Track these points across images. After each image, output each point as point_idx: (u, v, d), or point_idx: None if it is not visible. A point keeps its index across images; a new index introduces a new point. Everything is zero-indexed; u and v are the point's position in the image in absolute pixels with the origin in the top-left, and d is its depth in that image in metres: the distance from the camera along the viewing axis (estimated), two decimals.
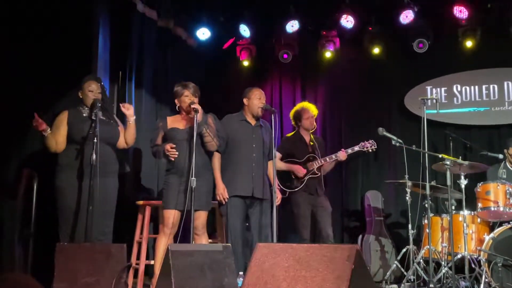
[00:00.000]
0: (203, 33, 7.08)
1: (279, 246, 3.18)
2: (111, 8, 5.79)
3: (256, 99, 4.93)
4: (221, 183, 4.76)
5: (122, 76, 6.00)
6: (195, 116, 4.32)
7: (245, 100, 5.00)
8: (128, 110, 4.66)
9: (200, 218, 4.51)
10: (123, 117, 4.77)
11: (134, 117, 4.72)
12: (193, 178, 4.19)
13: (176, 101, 4.65)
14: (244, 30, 7.11)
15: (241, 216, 4.77)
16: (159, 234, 4.52)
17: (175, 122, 4.63)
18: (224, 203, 4.73)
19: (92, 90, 4.60)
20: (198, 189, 4.30)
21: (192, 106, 4.40)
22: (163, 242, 4.41)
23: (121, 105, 4.70)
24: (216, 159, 4.82)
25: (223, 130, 4.79)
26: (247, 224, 4.97)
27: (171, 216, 4.43)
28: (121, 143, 4.78)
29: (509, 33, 6.67)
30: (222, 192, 4.73)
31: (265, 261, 3.15)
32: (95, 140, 4.24)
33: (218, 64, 7.64)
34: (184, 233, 4.45)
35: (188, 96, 4.57)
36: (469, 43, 6.82)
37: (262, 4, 6.91)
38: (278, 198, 4.96)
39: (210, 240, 5.14)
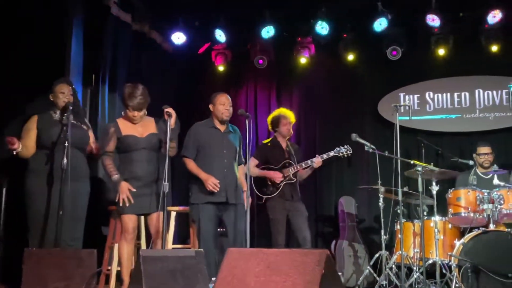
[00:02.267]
0: (178, 38, 7.06)
1: (250, 251, 3.19)
2: (84, 11, 5.72)
3: (220, 105, 4.87)
4: (204, 174, 4.68)
5: (96, 80, 5.93)
6: (168, 121, 4.25)
7: (210, 106, 4.93)
8: None
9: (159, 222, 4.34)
10: (94, 122, 4.70)
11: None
12: (166, 183, 4.12)
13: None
14: (220, 35, 7.10)
15: (213, 222, 4.72)
16: (120, 241, 4.41)
17: (128, 127, 4.41)
18: (217, 190, 4.63)
19: (64, 92, 4.52)
20: (155, 194, 4.29)
21: (166, 110, 4.29)
22: (125, 248, 4.33)
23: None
24: (190, 162, 4.79)
25: (192, 140, 4.81)
26: (222, 229, 4.94)
27: (130, 221, 4.32)
28: (90, 149, 4.70)
29: (480, 42, 6.81)
30: (212, 180, 4.63)
31: (236, 266, 3.15)
32: (66, 144, 4.16)
33: (193, 68, 7.63)
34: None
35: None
36: (441, 51, 6.94)
37: (237, 9, 6.90)
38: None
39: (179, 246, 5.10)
